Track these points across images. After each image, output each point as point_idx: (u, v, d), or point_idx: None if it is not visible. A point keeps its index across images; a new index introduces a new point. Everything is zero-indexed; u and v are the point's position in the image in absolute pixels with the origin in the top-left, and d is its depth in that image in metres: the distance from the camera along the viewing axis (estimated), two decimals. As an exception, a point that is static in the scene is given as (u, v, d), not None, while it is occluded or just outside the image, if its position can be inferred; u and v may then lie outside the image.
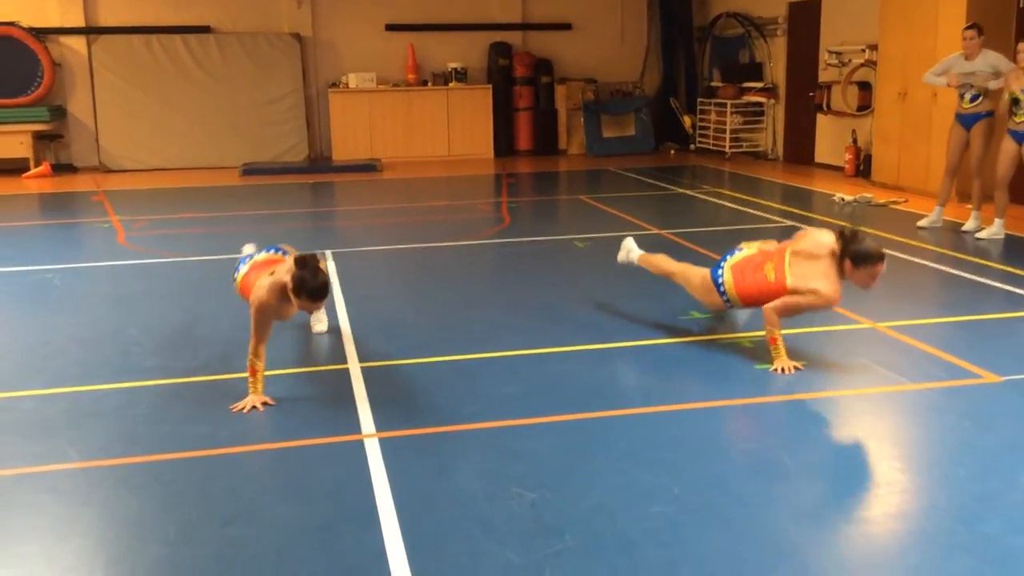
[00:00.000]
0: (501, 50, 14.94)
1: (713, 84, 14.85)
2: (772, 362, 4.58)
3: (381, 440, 3.80)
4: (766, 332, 4.63)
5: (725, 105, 14.14)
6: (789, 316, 4.63)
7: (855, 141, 11.80)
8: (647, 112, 15.08)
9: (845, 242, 4.51)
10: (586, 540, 2.99)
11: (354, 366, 4.74)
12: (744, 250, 4.97)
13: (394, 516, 3.16)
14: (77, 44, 13.90)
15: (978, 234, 7.82)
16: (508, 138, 15.15)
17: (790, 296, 4.57)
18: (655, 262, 5.45)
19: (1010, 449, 3.67)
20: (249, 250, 5.47)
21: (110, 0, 13.90)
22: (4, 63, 13.25)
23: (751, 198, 10.13)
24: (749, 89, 14.03)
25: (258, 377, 4.20)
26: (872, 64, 11.24)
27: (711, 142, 14.60)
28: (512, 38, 15.12)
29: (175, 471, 3.59)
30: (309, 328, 5.35)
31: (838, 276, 4.51)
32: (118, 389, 4.48)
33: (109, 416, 4.15)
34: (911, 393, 4.33)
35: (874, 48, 11.08)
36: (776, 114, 13.92)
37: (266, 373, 4.27)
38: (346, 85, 14.48)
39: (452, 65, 14.81)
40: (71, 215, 10.44)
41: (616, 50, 15.58)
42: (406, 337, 5.30)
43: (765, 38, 13.87)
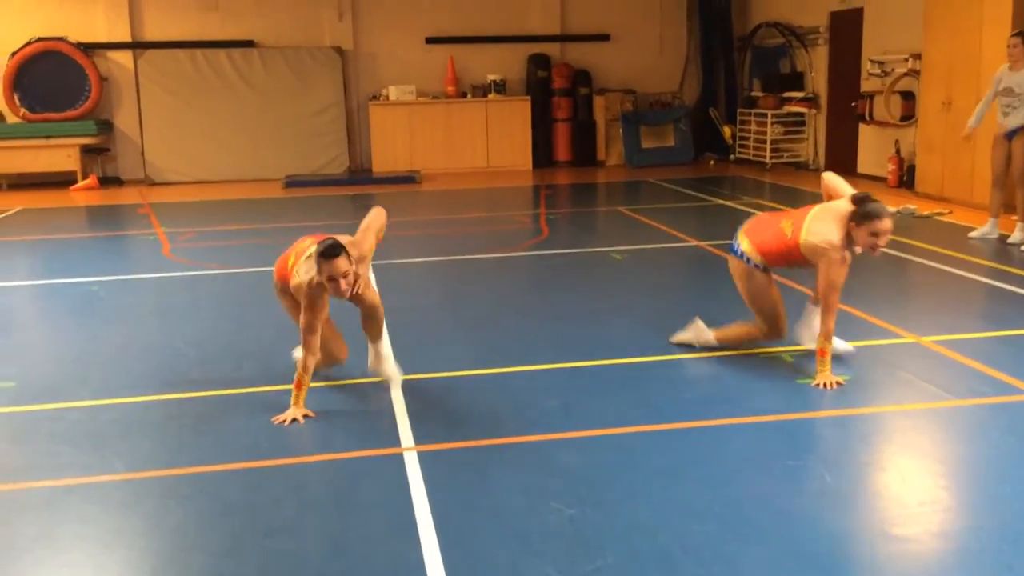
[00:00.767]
0: (540, 62, 14.99)
1: (753, 94, 14.77)
2: (816, 376, 4.54)
3: (420, 453, 3.83)
4: (818, 343, 4.57)
5: (765, 115, 14.04)
6: (837, 290, 4.52)
7: (898, 151, 11.66)
8: (686, 123, 15.02)
9: (855, 203, 4.52)
10: (626, 557, 2.99)
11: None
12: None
13: (433, 530, 3.18)
14: (124, 59, 14.19)
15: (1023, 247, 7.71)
16: (547, 149, 15.19)
17: (821, 267, 4.51)
18: (734, 332, 5.09)
19: (1058, 468, 3.61)
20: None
21: (156, 15, 14.18)
22: (53, 78, 13.56)
23: (792, 209, 10.03)
24: (790, 99, 13.93)
25: (303, 391, 4.25)
26: (915, 73, 11.11)
27: (751, 153, 14.50)
28: (551, 50, 15.16)
29: (219, 482, 3.64)
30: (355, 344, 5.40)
31: (844, 234, 4.50)
32: (164, 400, 4.56)
33: (155, 427, 4.23)
34: (955, 409, 4.27)
35: (917, 57, 10.95)
36: (817, 124, 13.80)
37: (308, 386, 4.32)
38: (386, 97, 14.62)
39: (491, 77, 14.89)
40: (117, 227, 10.65)
41: (655, 60, 15.56)
42: (446, 349, 5.34)
43: (806, 47, 13.77)
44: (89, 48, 13.83)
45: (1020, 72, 7.77)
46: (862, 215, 4.46)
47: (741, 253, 4.85)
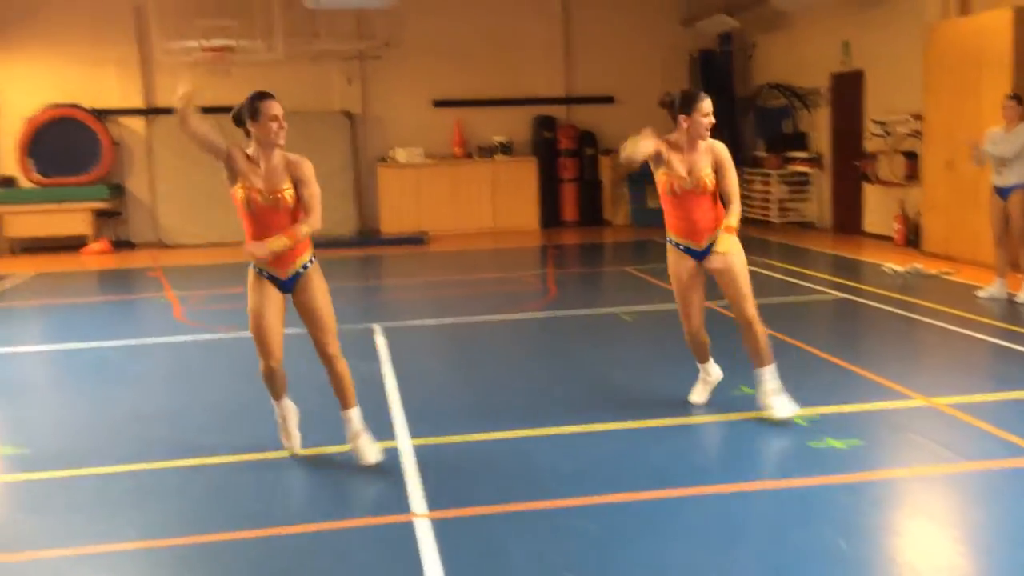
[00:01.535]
0: (545, 123, 15.21)
1: (758, 154, 14.92)
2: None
3: (432, 521, 3.81)
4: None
5: (770, 175, 14.18)
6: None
7: (904, 211, 11.74)
8: (691, 182, 15.12)
9: (666, 104, 5.11)
10: (641, 627, 2.97)
11: (404, 443, 4.78)
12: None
13: (447, 600, 3.16)
14: (136, 124, 14.44)
15: None
16: (553, 210, 15.32)
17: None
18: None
19: (1075, 533, 3.58)
20: None
21: (169, 81, 14.42)
22: (66, 143, 13.78)
23: (800, 268, 10.08)
24: (794, 159, 14.07)
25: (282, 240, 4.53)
26: (918, 134, 11.24)
27: (758, 212, 14.60)
28: (556, 111, 15.39)
29: (231, 551, 3.63)
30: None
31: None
32: (176, 467, 4.56)
33: (168, 494, 4.23)
34: (969, 473, 4.25)
35: (919, 118, 11.09)
36: (822, 183, 13.91)
37: (319, 450, 4.32)
38: (394, 159, 14.81)
39: (497, 138, 15.10)
40: (129, 291, 10.73)
41: (658, 121, 15.72)
42: (456, 413, 5.34)
43: (808, 108, 13.94)
44: (102, 114, 14.08)
45: (1012, 133, 7.84)
46: (683, 104, 5.04)
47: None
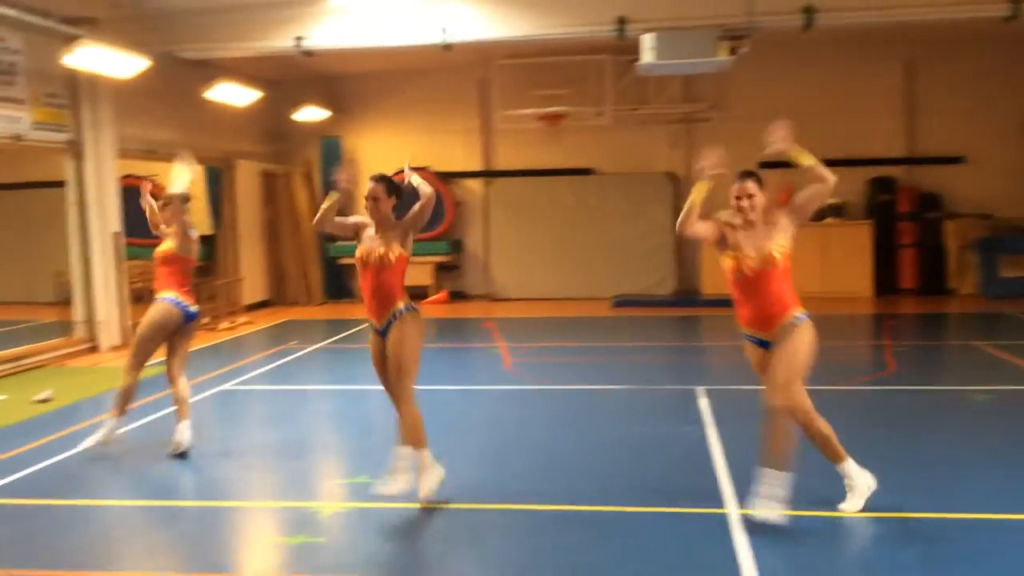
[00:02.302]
0: (883, 185, 14.31)
1: None
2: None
3: (765, 597, 3.61)
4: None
5: None
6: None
7: None
8: (1054, 251, 13.49)
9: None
10: None
11: (733, 511, 4.60)
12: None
13: None
14: (475, 186, 15.54)
15: None
16: (889, 276, 14.30)
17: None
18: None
19: None
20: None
21: (506, 148, 15.43)
22: (416, 202, 15.05)
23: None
24: None
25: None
26: None
27: None
28: (895, 172, 14.44)
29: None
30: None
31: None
32: (500, 510, 4.72)
33: (503, 535, 4.38)
34: None
35: None
36: None
37: (629, 508, 4.26)
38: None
39: (829, 200, 14.40)
40: (464, 339, 11.45)
41: (1016, 183, 14.25)
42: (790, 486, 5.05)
43: None
44: (447, 176, 15.30)
45: None
46: None
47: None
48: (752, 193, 4.59)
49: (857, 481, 4.55)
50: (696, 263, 14.68)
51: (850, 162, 14.56)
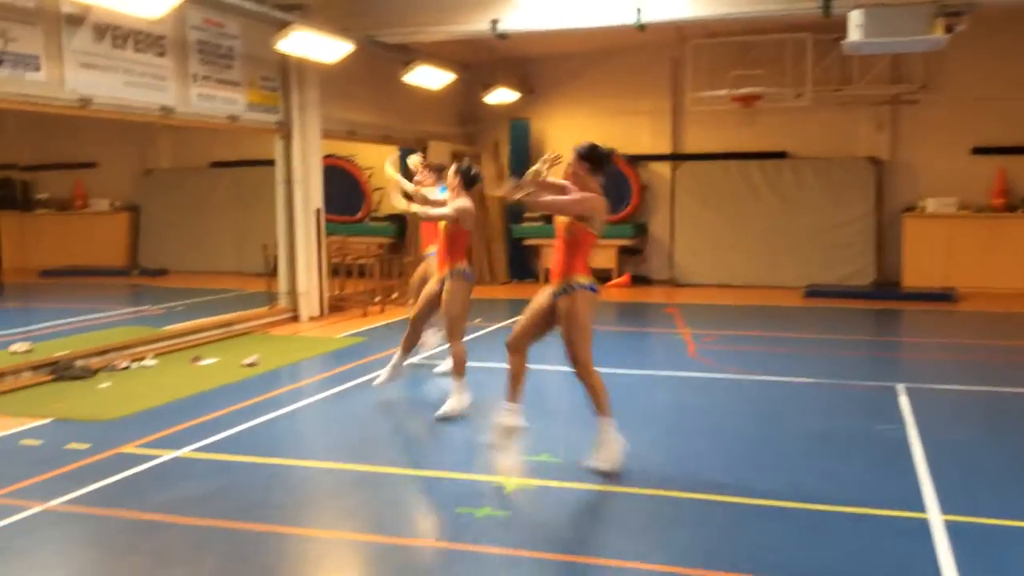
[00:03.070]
0: (1115, 173, 13.01)
1: None
2: None
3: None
4: None
5: None
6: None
7: None
8: None
9: None
10: None
11: (935, 517, 4.32)
12: None
13: None
14: (663, 169, 15.30)
15: None
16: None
17: None
18: None
19: None
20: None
21: (696, 130, 15.10)
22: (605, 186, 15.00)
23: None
24: None
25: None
26: None
27: None
28: None
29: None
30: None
31: None
32: (693, 499, 4.64)
33: (688, 524, 4.32)
34: None
35: None
36: None
37: (824, 507, 4.07)
38: (923, 209, 13.77)
39: (1046, 191, 13.26)
40: (645, 324, 11.33)
41: None
42: (995, 494, 4.70)
43: None
44: (634, 159, 15.15)
45: None
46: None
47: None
48: None
49: None
50: (899, 254, 13.87)
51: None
